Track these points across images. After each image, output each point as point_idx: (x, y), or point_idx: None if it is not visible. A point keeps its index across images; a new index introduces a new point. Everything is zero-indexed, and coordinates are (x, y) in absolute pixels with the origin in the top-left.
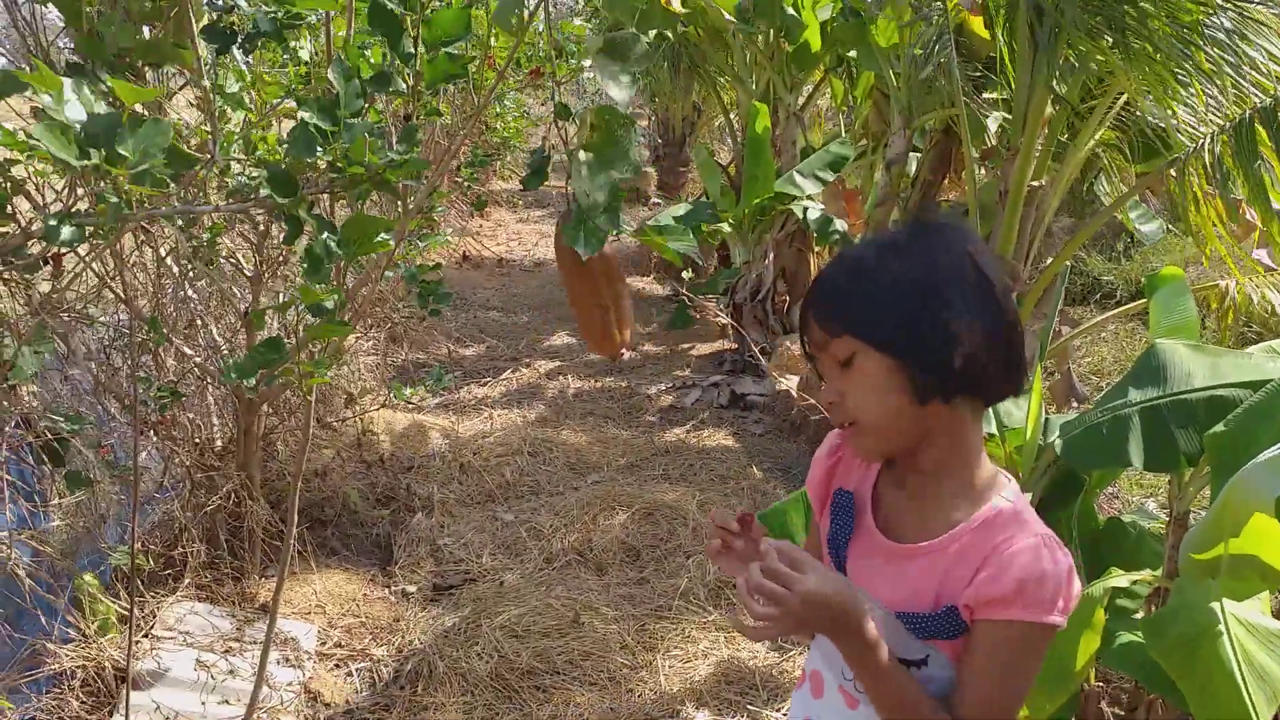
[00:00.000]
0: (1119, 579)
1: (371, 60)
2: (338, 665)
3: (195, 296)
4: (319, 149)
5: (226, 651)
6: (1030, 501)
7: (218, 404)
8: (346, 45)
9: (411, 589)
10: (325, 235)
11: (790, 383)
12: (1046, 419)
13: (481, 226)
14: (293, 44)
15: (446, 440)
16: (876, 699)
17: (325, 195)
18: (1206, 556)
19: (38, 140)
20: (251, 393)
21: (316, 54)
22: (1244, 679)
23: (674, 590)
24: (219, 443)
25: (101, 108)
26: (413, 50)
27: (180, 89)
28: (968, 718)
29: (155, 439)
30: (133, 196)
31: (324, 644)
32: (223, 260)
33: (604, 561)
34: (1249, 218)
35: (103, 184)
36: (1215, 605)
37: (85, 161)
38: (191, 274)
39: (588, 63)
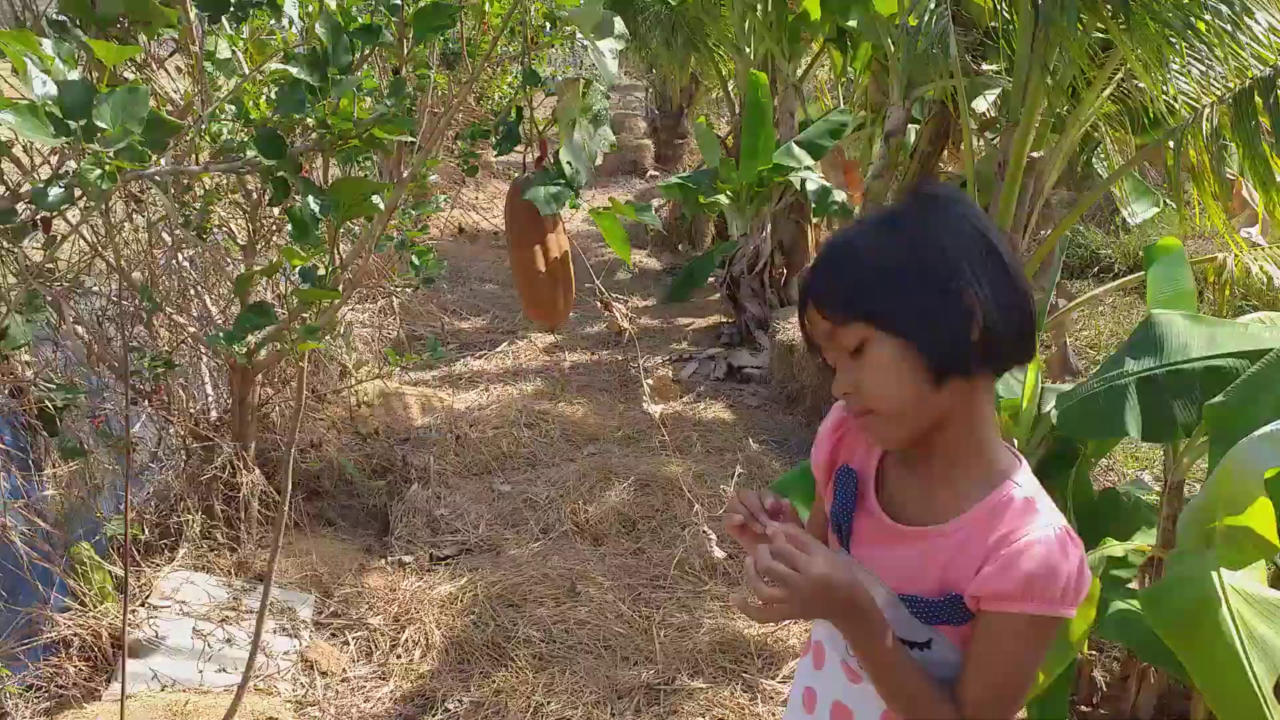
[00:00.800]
0: (1114, 549)
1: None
2: (334, 634)
3: (188, 266)
4: (307, 105)
5: (223, 621)
6: None
7: (212, 375)
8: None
9: (408, 559)
10: (310, 198)
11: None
12: (1042, 390)
13: (477, 199)
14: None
15: (443, 412)
16: (879, 684)
17: (317, 156)
18: (1203, 527)
19: (10, 123)
20: (244, 360)
21: (305, 19)
22: (1245, 650)
23: (670, 560)
24: (214, 413)
25: (76, 73)
26: (400, 2)
27: (170, 56)
28: (973, 704)
29: (149, 409)
30: (115, 171)
31: (320, 613)
32: (215, 229)
33: (600, 532)
34: (1245, 194)
35: (84, 157)
36: (1214, 576)
37: (63, 139)
38: (184, 243)
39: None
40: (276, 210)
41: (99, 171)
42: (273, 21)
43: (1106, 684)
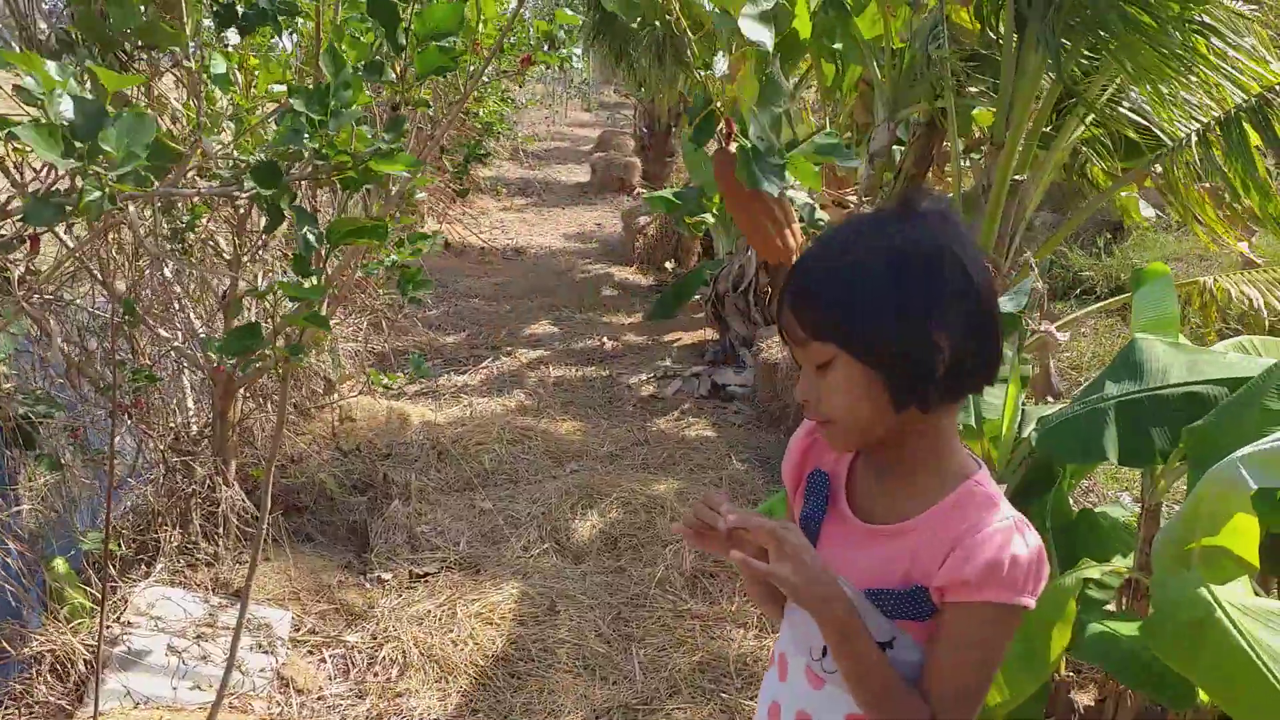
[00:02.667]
0: (1091, 570)
1: (362, 39)
2: (311, 652)
3: (172, 280)
4: (306, 136)
5: (199, 637)
6: (1006, 493)
7: (194, 389)
8: (337, 29)
9: (387, 576)
10: (306, 229)
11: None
12: (1024, 411)
13: (464, 214)
14: (286, 29)
15: (425, 428)
16: (848, 676)
17: (307, 184)
18: (1181, 549)
19: (25, 140)
20: (237, 369)
21: (303, 41)
22: (1260, 657)
23: (651, 579)
24: (194, 428)
25: (86, 94)
26: (404, 41)
27: (165, 71)
28: (939, 699)
29: (129, 423)
30: (114, 193)
31: (298, 630)
32: (201, 243)
33: (582, 550)
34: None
35: (84, 179)
36: (1207, 593)
37: (71, 161)
38: (169, 257)
39: (578, 50)
40: (263, 226)
41: (99, 194)
42: (274, 39)
43: (1085, 706)
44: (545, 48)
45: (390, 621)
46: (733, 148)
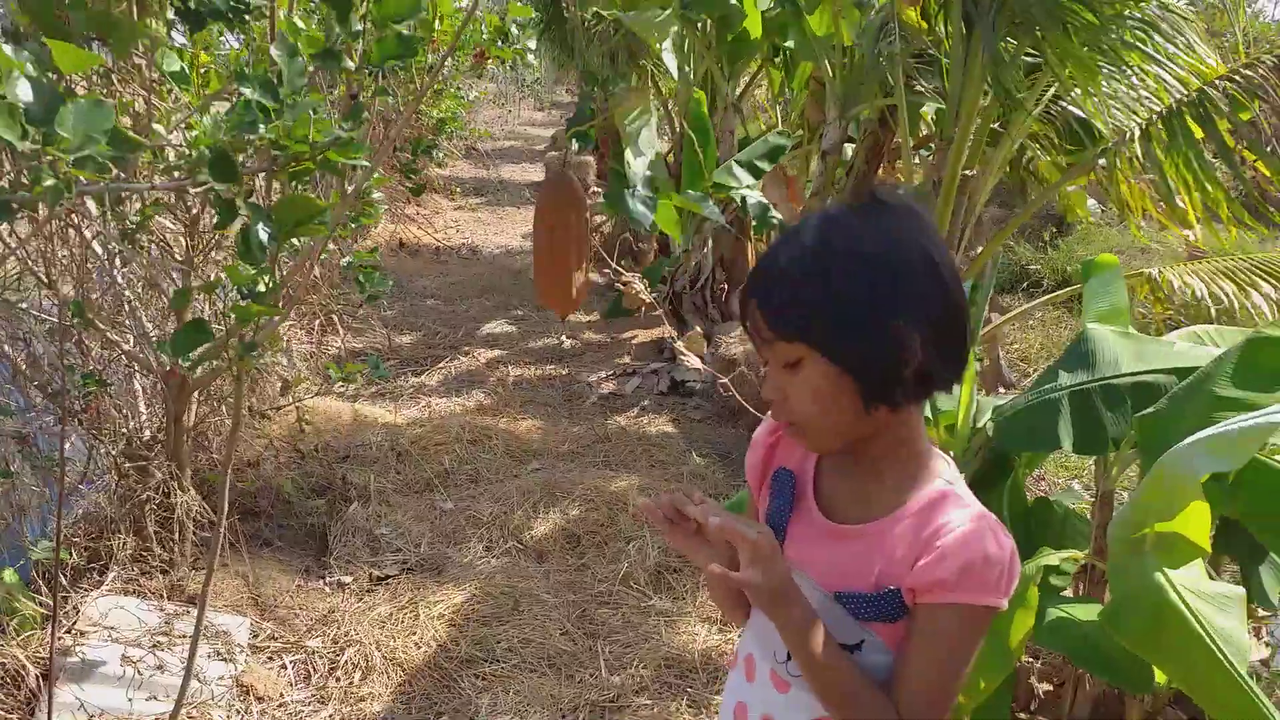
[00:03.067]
0: (1050, 558)
1: (309, 33)
2: (271, 658)
3: (122, 281)
4: (260, 127)
5: (154, 646)
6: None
7: (146, 393)
8: (292, 27)
9: (347, 579)
10: (260, 224)
11: (693, 361)
12: (977, 402)
13: (418, 214)
14: (237, 29)
15: (384, 429)
16: (814, 681)
17: (261, 176)
18: (1135, 535)
19: None
20: (187, 372)
21: (250, 42)
22: (1216, 644)
23: (614, 576)
24: (147, 433)
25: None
26: (361, 27)
27: (115, 67)
28: (909, 701)
29: (80, 429)
30: (71, 179)
31: (256, 637)
32: (151, 244)
33: (544, 549)
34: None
35: (39, 164)
36: (1161, 579)
37: (28, 144)
38: (119, 258)
39: (532, 44)
40: (215, 222)
41: (54, 180)
42: (224, 36)
43: (1045, 692)
44: (499, 42)
45: (351, 625)
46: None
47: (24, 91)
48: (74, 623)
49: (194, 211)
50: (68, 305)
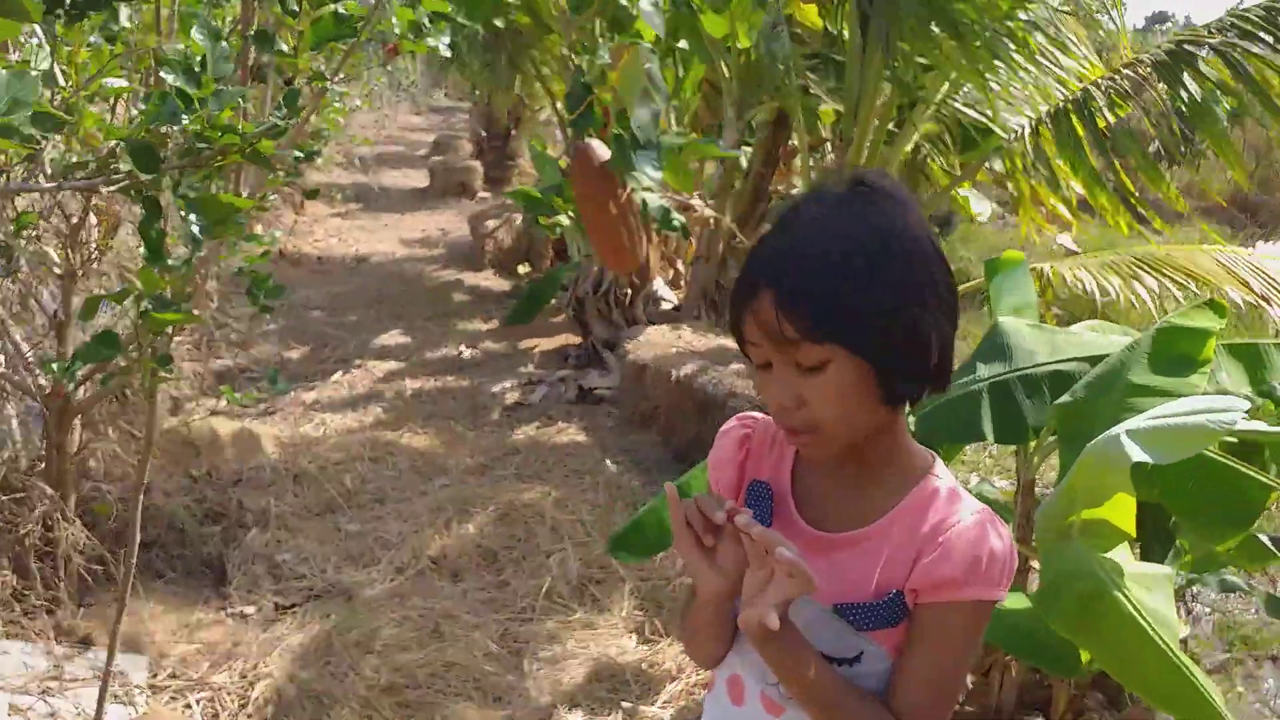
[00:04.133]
0: None
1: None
2: (174, 697)
3: None
4: (183, 117)
5: (44, 693)
6: None
7: (21, 418)
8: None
9: (250, 609)
10: (193, 218)
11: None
12: None
13: (297, 222)
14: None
15: (278, 449)
16: (811, 705)
17: (179, 171)
18: (1063, 521)
19: None
20: (71, 393)
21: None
22: (1149, 624)
23: (537, 591)
24: (24, 461)
25: None
26: (297, 7)
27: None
28: (915, 704)
29: None
30: None
31: (156, 675)
32: (25, 257)
33: (460, 567)
34: (1061, 208)
35: None
36: (1095, 564)
37: None
38: None
39: (445, 39)
40: (96, 236)
41: None
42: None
43: (972, 681)
44: (411, 36)
45: (260, 658)
46: (595, 144)
47: None
48: None
49: (75, 220)
50: None
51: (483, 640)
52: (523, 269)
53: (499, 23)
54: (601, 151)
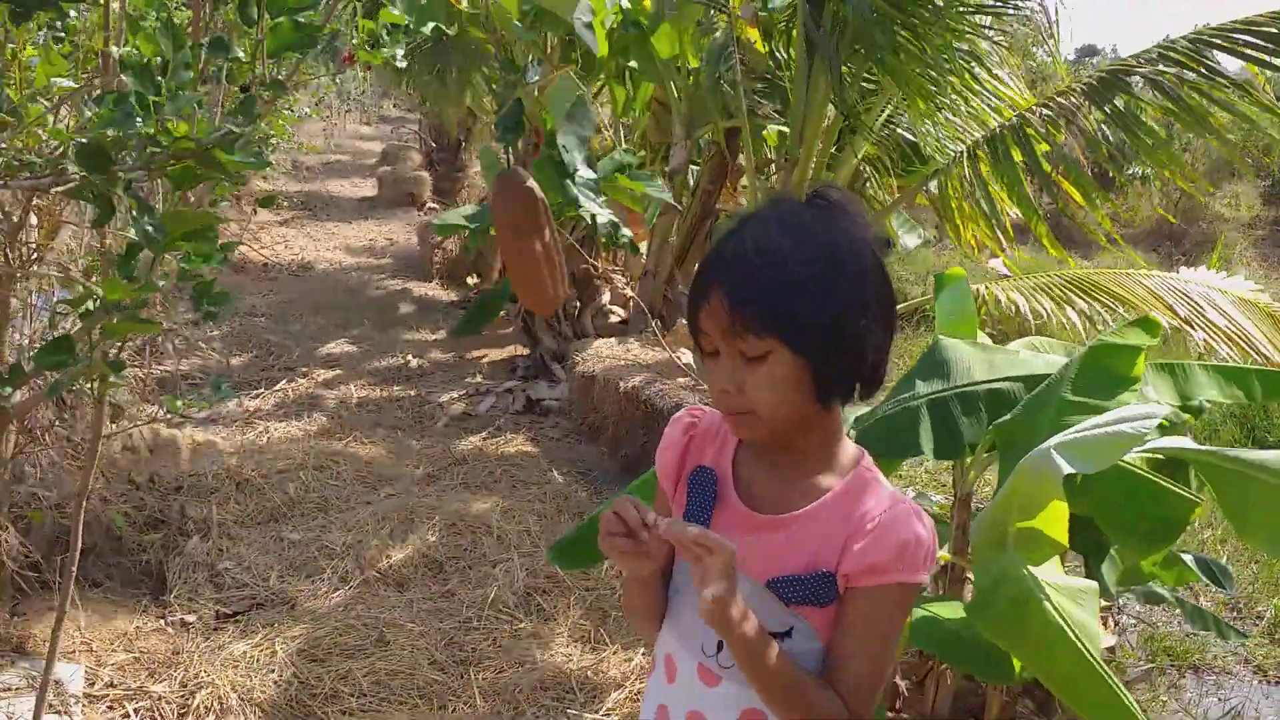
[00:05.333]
0: None
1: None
2: (112, 707)
3: None
4: (138, 120)
5: None
6: None
7: None
8: (132, 20)
9: (191, 618)
10: (146, 219)
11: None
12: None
13: (243, 229)
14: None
15: (220, 457)
16: (762, 681)
17: (141, 174)
18: (997, 532)
19: None
20: (5, 400)
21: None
22: (1077, 636)
23: (482, 600)
24: None
25: None
26: (255, 15)
27: None
28: (853, 685)
29: None
30: None
31: (93, 685)
32: None
33: (405, 576)
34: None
35: None
36: (1025, 574)
37: None
38: None
39: (400, 50)
40: (36, 237)
41: None
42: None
43: (908, 688)
44: (368, 46)
45: (201, 666)
46: (522, 172)
47: None
48: None
49: (15, 219)
50: None
51: (427, 649)
52: (471, 280)
53: (451, 30)
54: (529, 181)
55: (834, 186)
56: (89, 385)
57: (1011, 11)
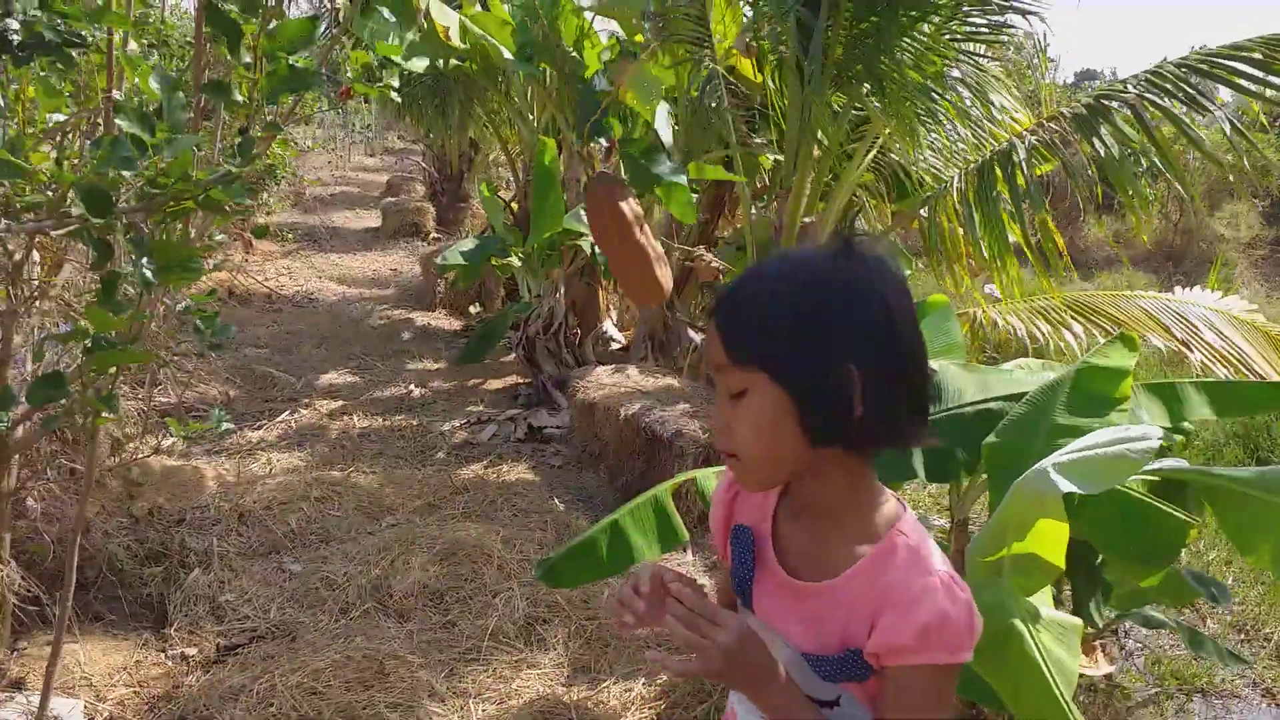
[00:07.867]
0: None
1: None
2: None
3: None
4: (134, 162)
5: None
6: None
7: None
8: (130, 61)
9: (191, 651)
10: (145, 261)
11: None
12: None
13: (247, 260)
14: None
15: (222, 489)
16: None
17: (140, 215)
18: (992, 558)
19: None
20: (7, 432)
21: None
22: (1050, 672)
23: (483, 631)
24: None
25: None
26: (251, 59)
27: None
28: None
29: None
30: None
31: (93, 718)
32: None
33: (406, 607)
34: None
35: None
36: (1012, 605)
37: None
38: None
39: (395, 83)
40: (39, 273)
41: None
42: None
43: None
44: (365, 79)
45: (201, 701)
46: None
47: None
48: None
49: (17, 257)
50: None
51: (428, 681)
52: (474, 309)
53: (442, 65)
54: (618, 185)
55: (870, 236)
56: (83, 420)
57: (1003, 39)
